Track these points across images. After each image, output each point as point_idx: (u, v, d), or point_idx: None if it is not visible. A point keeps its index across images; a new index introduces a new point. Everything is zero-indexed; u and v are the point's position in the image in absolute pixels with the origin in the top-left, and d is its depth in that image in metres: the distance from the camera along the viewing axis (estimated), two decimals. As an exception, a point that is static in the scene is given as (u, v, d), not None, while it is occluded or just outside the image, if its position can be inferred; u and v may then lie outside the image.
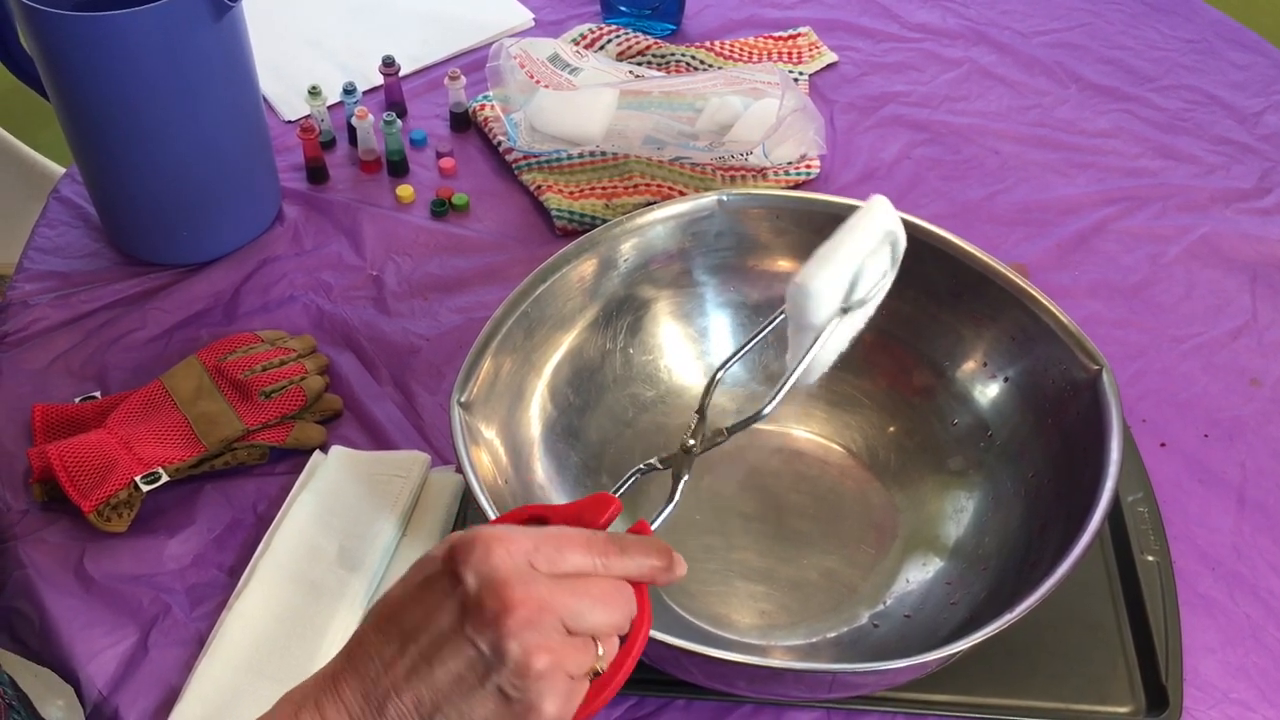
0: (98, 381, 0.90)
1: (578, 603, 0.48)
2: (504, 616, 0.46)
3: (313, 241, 1.01)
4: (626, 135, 1.06)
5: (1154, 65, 1.19)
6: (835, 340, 0.65)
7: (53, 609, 0.76)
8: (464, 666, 0.47)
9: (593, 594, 0.49)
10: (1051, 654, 0.73)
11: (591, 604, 0.49)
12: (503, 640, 0.47)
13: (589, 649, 0.49)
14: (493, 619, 0.47)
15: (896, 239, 0.65)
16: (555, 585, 0.48)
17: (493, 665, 0.47)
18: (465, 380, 0.72)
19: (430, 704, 0.48)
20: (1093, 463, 0.69)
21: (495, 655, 0.47)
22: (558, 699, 0.48)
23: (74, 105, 0.89)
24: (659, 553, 0.53)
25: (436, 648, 0.48)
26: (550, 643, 0.47)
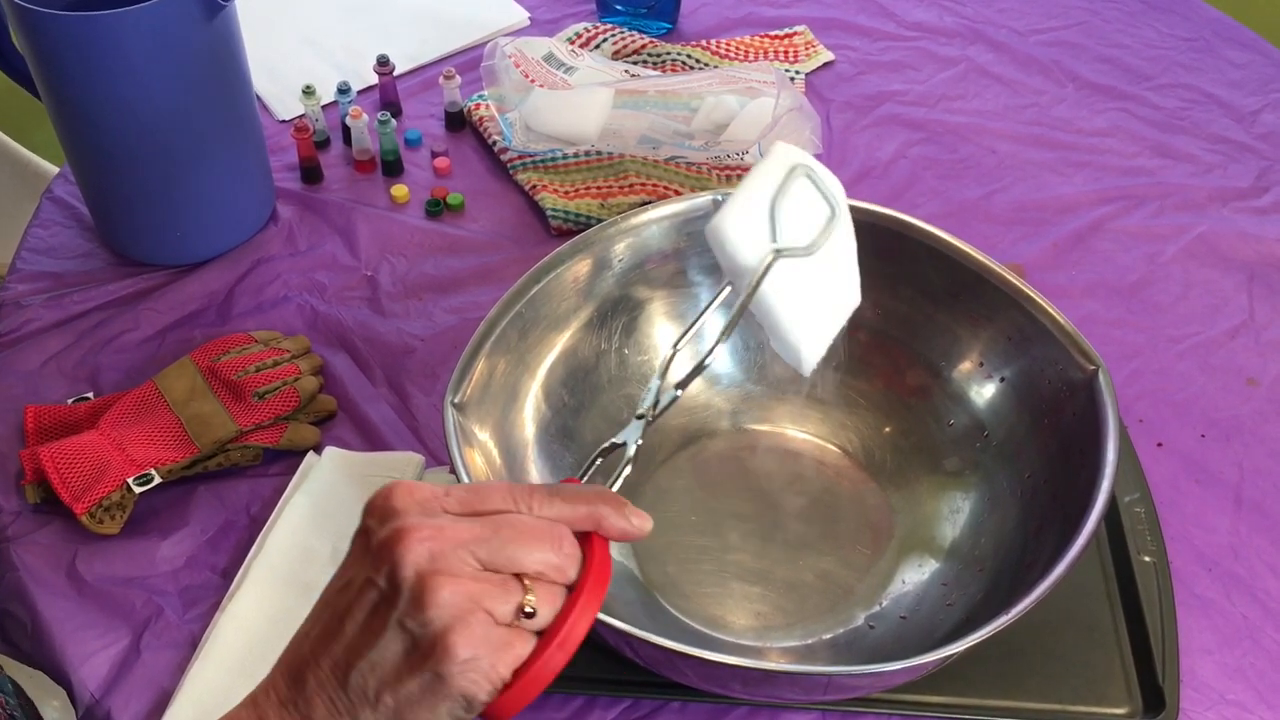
0: (90, 382, 0.89)
1: (493, 535, 0.44)
2: (397, 544, 0.43)
3: (307, 242, 1.01)
4: (622, 135, 1.05)
5: (1151, 64, 1.19)
6: (802, 302, 0.63)
7: (45, 611, 0.75)
8: (368, 610, 0.44)
9: (514, 526, 0.45)
10: (1048, 655, 0.72)
11: (510, 534, 0.44)
12: (397, 568, 0.43)
13: (511, 587, 0.44)
14: (387, 548, 0.43)
15: (814, 173, 0.63)
16: (465, 518, 0.44)
17: (391, 598, 0.43)
18: (459, 381, 0.72)
19: (344, 662, 0.44)
20: (1089, 463, 0.68)
21: (391, 586, 0.43)
22: (470, 634, 0.43)
23: (66, 105, 0.88)
24: (602, 496, 0.48)
25: (344, 599, 0.45)
26: (455, 570, 0.43)
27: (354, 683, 0.44)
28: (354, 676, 0.44)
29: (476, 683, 0.44)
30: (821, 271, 0.64)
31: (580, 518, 0.47)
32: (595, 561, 0.47)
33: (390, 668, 0.44)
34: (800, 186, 0.63)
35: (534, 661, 0.45)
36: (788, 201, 0.62)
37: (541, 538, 0.45)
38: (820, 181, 0.64)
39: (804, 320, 0.64)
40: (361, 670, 0.44)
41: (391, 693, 0.44)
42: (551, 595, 0.46)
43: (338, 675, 0.45)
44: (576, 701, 0.72)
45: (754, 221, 0.61)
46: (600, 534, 0.48)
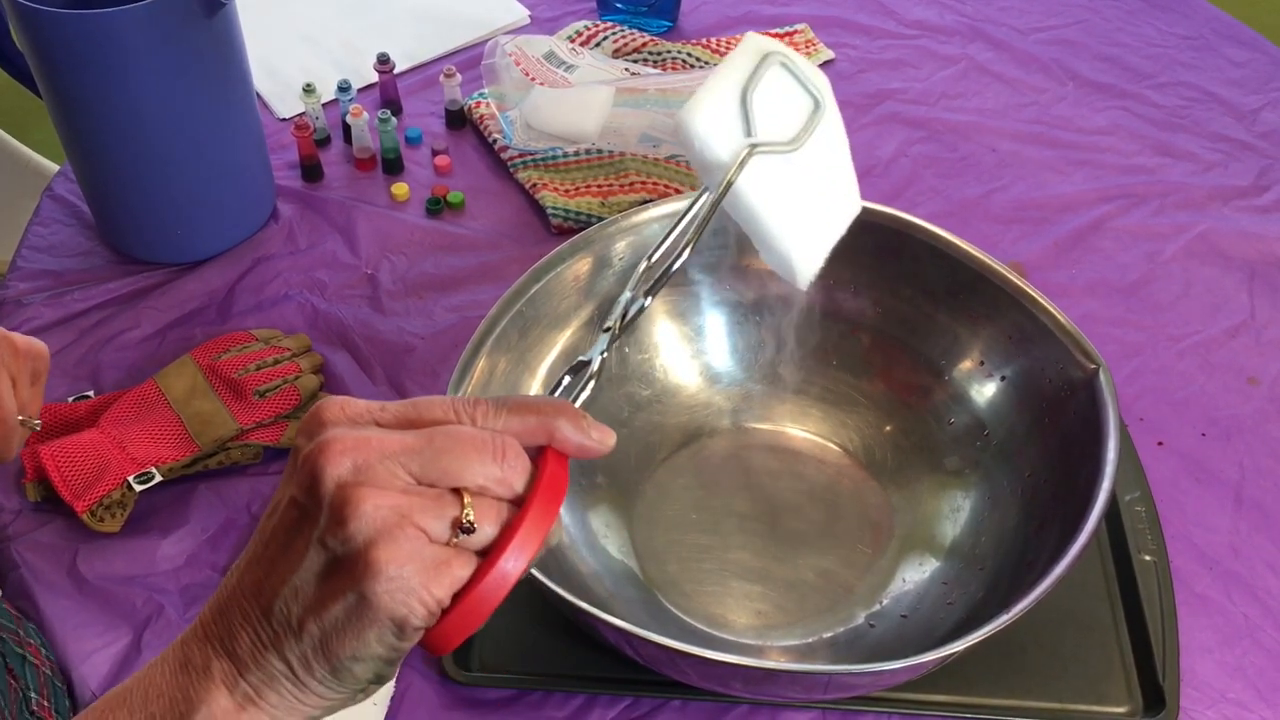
0: (91, 381, 0.89)
1: (425, 444, 0.40)
2: (318, 454, 0.39)
3: (307, 240, 1.01)
4: (622, 133, 1.05)
5: (1151, 62, 1.19)
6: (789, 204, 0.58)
7: (46, 609, 0.75)
8: (289, 531, 0.40)
9: (450, 436, 0.40)
10: (1048, 654, 0.72)
11: (445, 444, 0.40)
12: (318, 482, 0.39)
13: (446, 500, 0.40)
14: (309, 460, 0.39)
15: (790, 63, 0.58)
16: (395, 430, 0.41)
17: (311, 514, 0.40)
18: (460, 379, 0.72)
19: (268, 590, 0.41)
20: (1090, 462, 0.68)
21: (312, 501, 0.39)
22: (397, 553, 0.39)
23: (67, 103, 0.88)
24: (559, 409, 0.43)
25: (268, 523, 0.41)
26: (381, 482, 0.39)
27: (277, 610, 0.40)
28: (277, 604, 0.40)
29: (407, 604, 0.39)
30: (811, 172, 0.59)
31: (530, 429, 0.42)
32: (546, 474, 0.42)
33: (312, 592, 0.40)
34: (777, 76, 0.57)
35: (475, 584, 0.41)
36: (763, 93, 0.56)
37: (482, 448, 0.41)
38: (800, 72, 0.58)
39: (794, 225, 0.59)
40: (284, 597, 0.40)
41: (315, 619, 0.40)
42: (494, 511, 0.41)
43: (261, 604, 0.41)
44: (577, 700, 0.72)
45: (726, 114, 0.56)
46: (555, 447, 0.43)
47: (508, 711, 0.71)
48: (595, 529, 0.78)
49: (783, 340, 0.85)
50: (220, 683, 0.41)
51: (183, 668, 0.42)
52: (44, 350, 0.72)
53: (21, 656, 0.68)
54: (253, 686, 0.42)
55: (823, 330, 0.85)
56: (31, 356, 0.72)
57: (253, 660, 0.41)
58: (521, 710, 0.71)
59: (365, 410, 0.41)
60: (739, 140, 0.56)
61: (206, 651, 0.42)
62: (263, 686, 0.42)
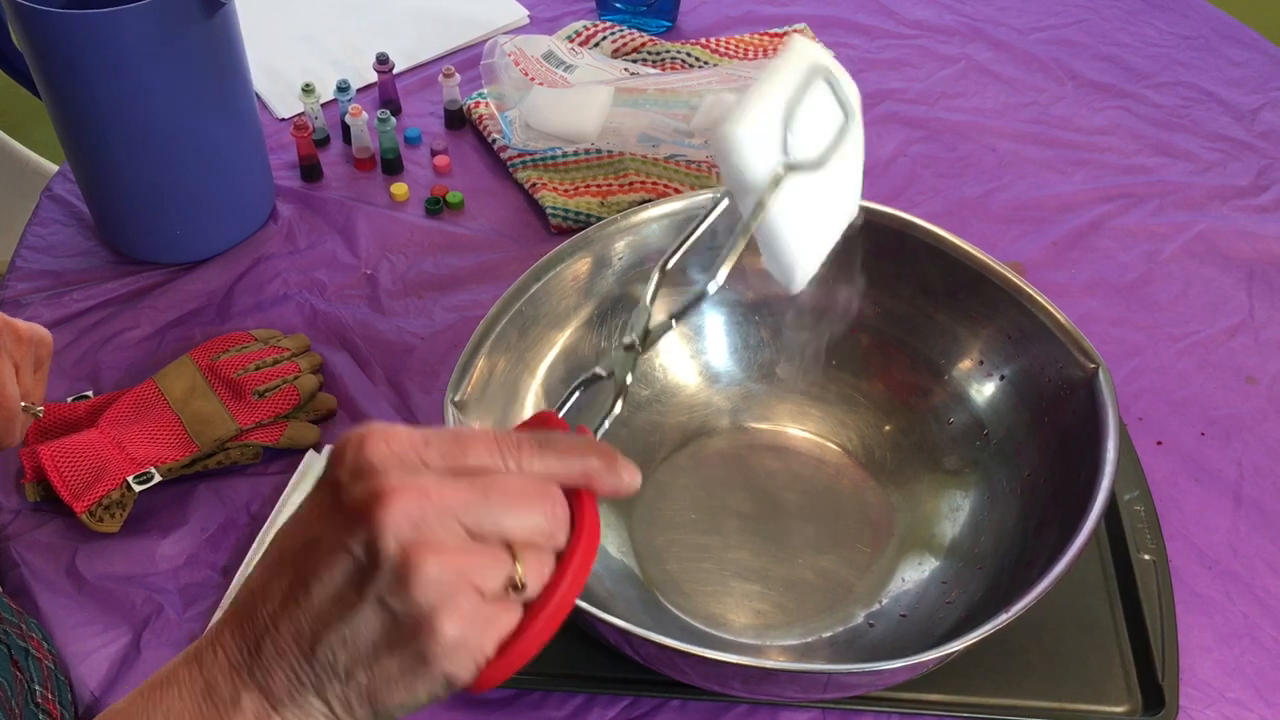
0: (90, 381, 0.89)
1: (480, 498, 0.40)
2: (376, 509, 0.38)
3: (306, 240, 1.01)
4: (622, 133, 1.05)
5: (1151, 62, 1.19)
6: (803, 217, 0.58)
7: (45, 609, 0.75)
8: (340, 579, 0.39)
9: (500, 489, 0.40)
10: (1048, 653, 0.72)
11: (500, 499, 0.40)
12: (377, 538, 0.38)
13: (501, 558, 0.41)
14: (364, 513, 0.39)
15: (833, 78, 0.58)
16: (449, 478, 0.40)
17: (369, 572, 0.39)
18: (459, 379, 0.72)
19: (310, 634, 0.40)
20: (1089, 461, 0.68)
21: (370, 558, 0.39)
22: (459, 615, 0.39)
23: (66, 103, 0.88)
24: (596, 451, 0.43)
25: (310, 562, 0.40)
26: (441, 543, 0.39)
27: (322, 656, 0.40)
28: (322, 649, 0.40)
29: (462, 664, 0.40)
30: (826, 183, 0.59)
31: (571, 475, 0.43)
32: (586, 526, 0.43)
33: (366, 644, 0.40)
34: (819, 92, 0.57)
35: (521, 635, 0.42)
36: (804, 109, 0.56)
37: (533, 502, 0.41)
38: (839, 87, 0.58)
39: (804, 237, 0.59)
40: (331, 643, 0.40)
41: (365, 670, 0.40)
42: (540, 563, 0.42)
43: (302, 646, 0.40)
44: (576, 700, 0.72)
45: (769, 132, 0.55)
46: (589, 491, 0.44)
47: (507, 711, 0.71)
48: (595, 529, 0.78)
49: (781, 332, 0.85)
50: (252, 716, 0.41)
51: (206, 696, 0.42)
52: (47, 337, 0.72)
53: (25, 650, 0.68)
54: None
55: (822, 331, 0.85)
56: (34, 343, 0.72)
57: (289, 697, 0.41)
58: (521, 710, 0.71)
59: (410, 446, 0.40)
60: (775, 159, 0.56)
61: (234, 683, 0.41)
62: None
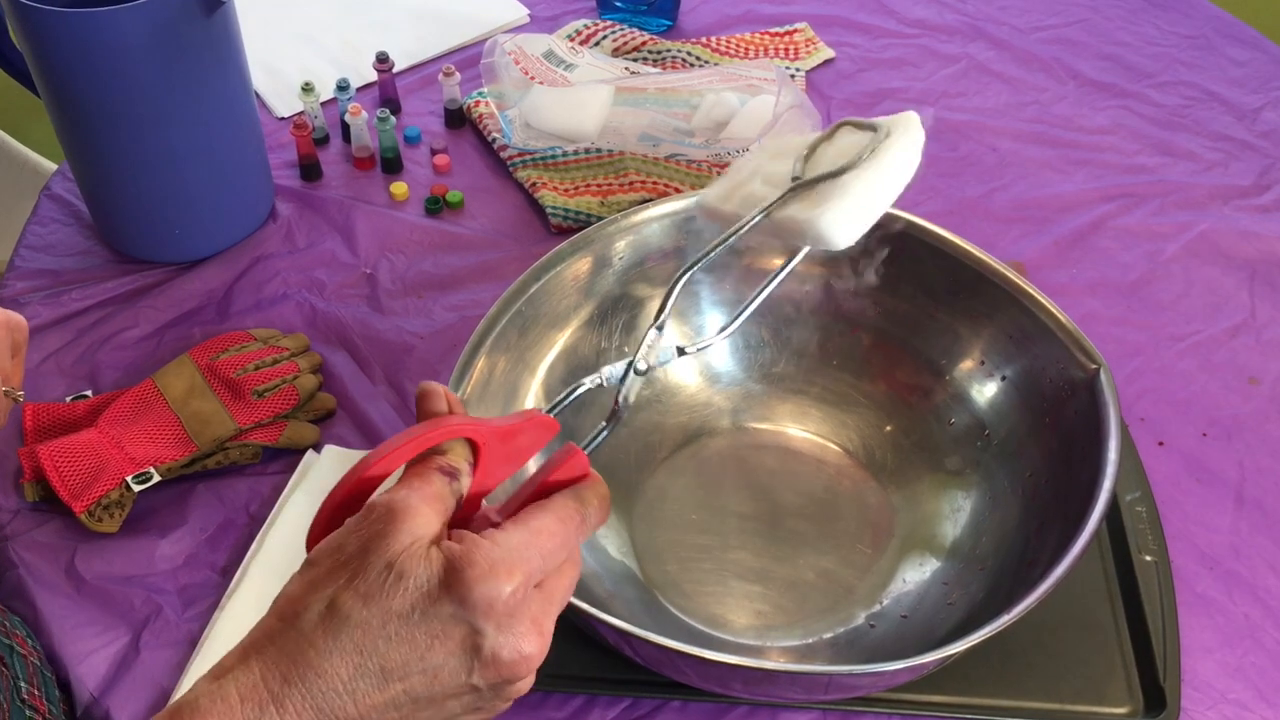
0: (89, 380, 0.89)
1: (562, 608, 0.49)
2: (520, 668, 0.46)
3: (306, 239, 1.00)
4: (622, 132, 1.05)
5: (1152, 61, 1.19)
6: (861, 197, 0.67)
7: (44, 609, 0.75)
8: (454, 703, 0.46)
9: (570, 589, 0.49)
10: (1049, 654, 0.72)
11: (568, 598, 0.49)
12: (510, 685, 0.46)
13: None
14: (510, 672, 0.45)
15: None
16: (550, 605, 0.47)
17: (485, 698, 0.46)
18: (459, 379, 0.72)
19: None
20: (1090, 462, 0.68)
21: (493, 693, 0.46)
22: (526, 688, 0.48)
23: (65, 102, 0.88)
24: (609, 505, 0.53)
25: (429, 689, 0.45)
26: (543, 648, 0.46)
27: None
28: None
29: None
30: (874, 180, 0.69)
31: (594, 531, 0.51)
32: None
33: None
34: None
35: None
36: None
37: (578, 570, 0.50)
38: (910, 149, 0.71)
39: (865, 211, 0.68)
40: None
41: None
42: None
43: None
44: (576, 701, 0.71)
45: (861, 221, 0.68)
46: None
47: (507, 711, 0.71)
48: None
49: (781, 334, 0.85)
50: None
51: None
52: (22, 322, 0.73)
53: (10, 647, 0.68)
54: None
55: (823, 330, 0.85)
56: (10, 329, 0.72)
57: None
58: (520, 710, 0.71)
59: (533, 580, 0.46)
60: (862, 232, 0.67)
61: None
62: None
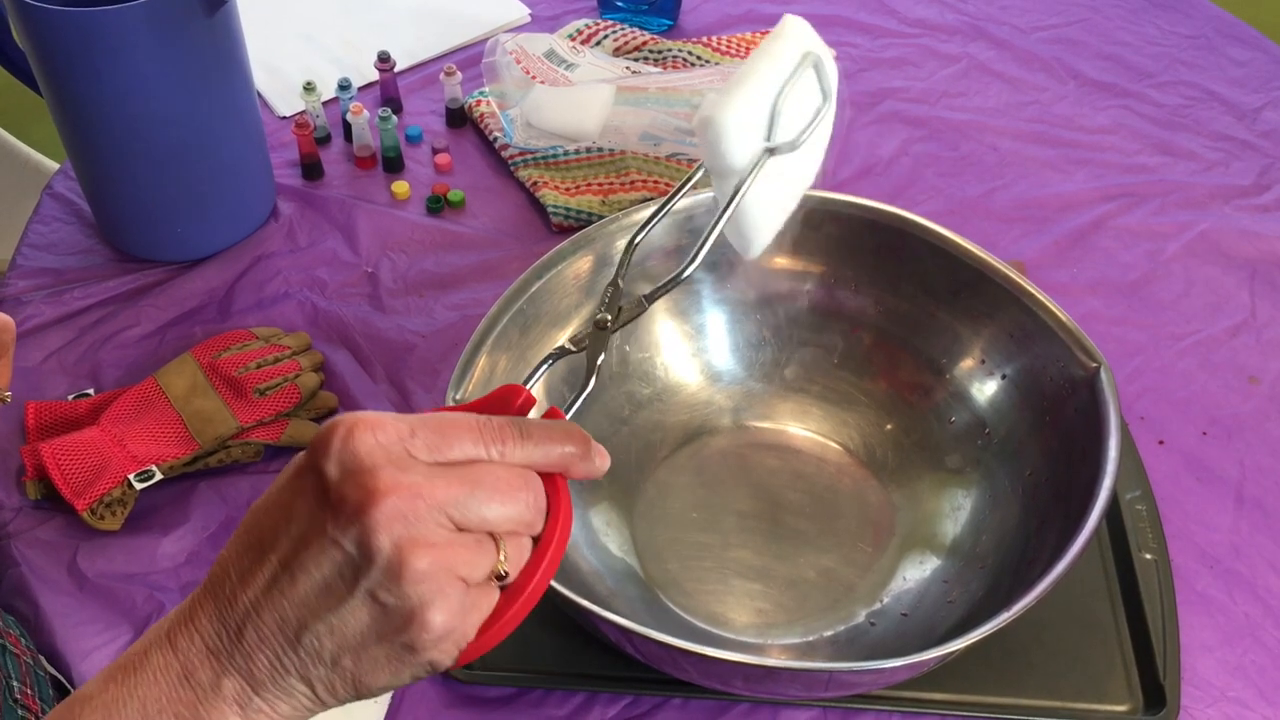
0: (91, 379, 0.89)
1: (466, 492, 0.41)
2: (369, 507, 0.40)
3: (307, 238, 1.01)
4: (623, 131, 1.05)
5: (1153, 61, 1.19)
6: (770, 191, 0.59)
7: (46, 607, 0.75)
8: (330, 572, 0.41)
9: (486, 482, 0.42)
10: (1049, 652, 0.72)
11: (485, 493, 0.42)
12: (370, 535, 0.40)
13: (486, 548, 0.42)
14: (356, 511, 0.40)
15: (820, 64, 0.59)
16: (436, 472, 0.41)
17: (361, 567, 0.40)
18: (460, 377, 0.72)
19: (295, 621, 0.41)
20: (1090, 461, 0.68)
21: (362, 554, 0.40)
22: (447, 607, 0.41)
23: (67, 101, 0.88)
24: (571, 437, 0.45)
25: (297, 553, 0.41)
26: (431, 538, 0.41)
27: (307, 643, 0.41)
28: (308, 637, 0.41)
29: (447, 651, 0.42)
30: (795, 161, 0.60)
31: (550, 462, 0.45)
32: (562, 511, 0.45)
33: (354, 634, 0.41)
34: (806, 77, 0.58)
35: (499, 617, 0.44)
36: (791, 96, 0.57)
37: (516, 493, 0.43)
38: (823, 73, 0.59)
39: (769, 210, 0.61)
40: (318, 631, 0.41)
41: (352, 657, 0.42)
42: (519, 550, 0.44)
43: (286, 633, 0.41)
44: (578, 698, 0.72)
45: (754, 119, 0.56)
46: (563, 475, 0.46)
47: (508, 709, 0.71)
48: (596, 527, 0.78)
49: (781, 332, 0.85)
50: (233, 700, 0.42)
51: (183, 681, 0.42)
52: (9, 322, 0.72)
53: (2, 646, 0.68)
54: (267, 703, 0.43)
55: (824, 329, 0.85)
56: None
57: (271, 682, 0.42)
58: (522, 708, 0.71)
59: (397, 438, 0.41)
60: (758, 145, 0.57)
61: (214, 668, 0.42)
62: (278, 702, 0.43)
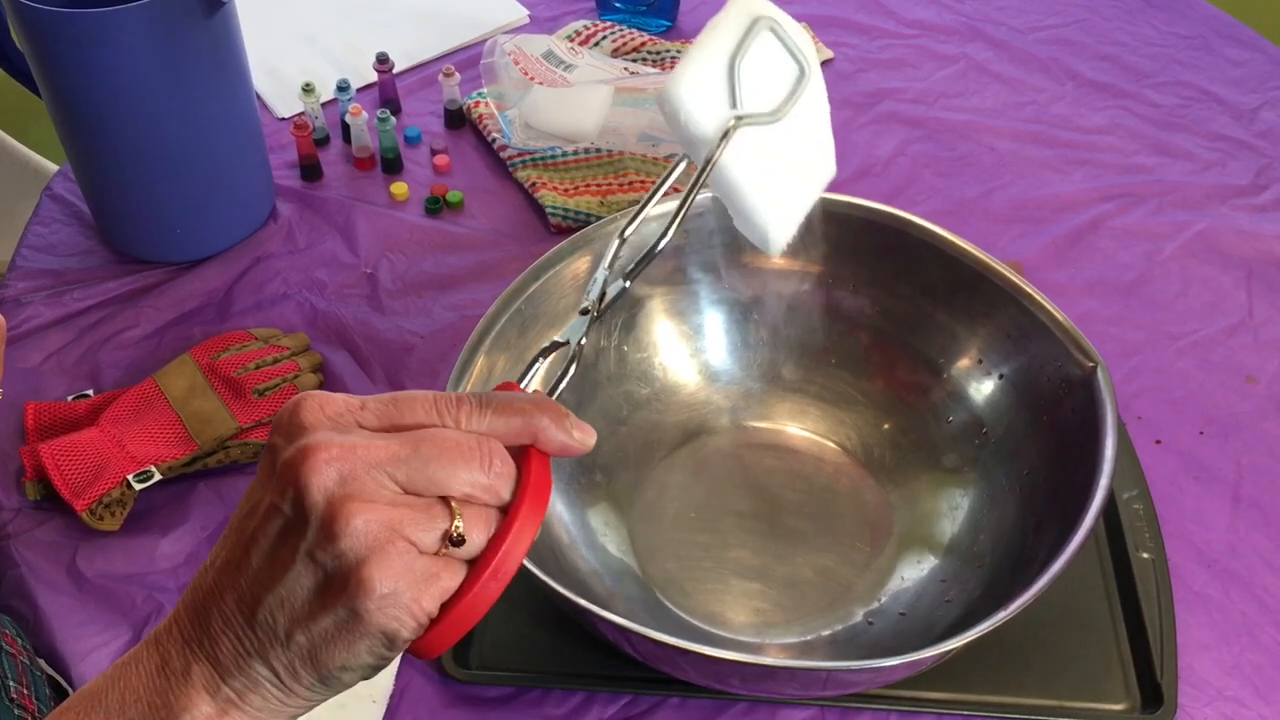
0: (91, 380, 0.89)
1: (409, 450, 0.39)
2: (301, 463, 0.38)
3: (306, 239, 1.01)
4: (621, 132, 1.05)
5: (1150, 61, 1.19)
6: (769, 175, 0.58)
7: (46, 608, 0.76)
8: (275, 540, 0.40)
9: (436, 443, 0.40)
10: (1046, 651, 0.72)
11: (432, 453, 0.40)
12: (304, 493, 0.38)
13: (435, 512, 0.40)
14: (291, 467, 0.39)
15: (778, 28, 0.57)
16: (380, 435, 0.40)
17: (298, 528, 0.39)
18: (459, 378, 0.72)
19: (250, 598, 0.40)
20: (1087, 460, 0.68)
21: (297, 512, 0.39)
22: (389, 569, 0.39)
23: (66, 102, 0.88)
24: (542, 407, 0.43)
25: (247, 527, 0.40)
26: (369, 495, 0.39)
27: (262, 619, 0.40)
28: (261, 612, 0.40)
29: (398, 619, 0.40)
30: (790, 140, 0.58)
31: (514, 430, 0.42)
32: (532, 479, 0.42)
33: (301, 603, 0.40)
34: (764, 43, 0.57)
35: (465, 594, 0.41)
36: (750, 61, 0.55)
37: (469, 455, 0.40)
38: (787, 37, 0.58)
39: (771, 195, 0.58)
40: (269, 605, 0.40)
41: (304, 630, 0.40)
42: (483, 519, 0.41)
43: (244, 611, 0.40)
44: (576, 697, 0.72)
45: (712, 84, 0.54)
46: (538, 448, 0.43)
47: (507, 709, 0.71)
48: (594, 527, 0.78)
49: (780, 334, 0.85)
50: (201, 688, 0.41)
51: (160, 670, 0.42)
52: (1, 322, 0.72)
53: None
54: (235, 691, 0.41)
55: (822, 329, 0.85)
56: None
57: (235, 666, 0.41)
58: (520, 707, 0.71)
59: (345, 409, 0.40)
60: (724, 113, 0.55)
61: (185, 655, 0.41)
62: (246, 691, 0.41)
